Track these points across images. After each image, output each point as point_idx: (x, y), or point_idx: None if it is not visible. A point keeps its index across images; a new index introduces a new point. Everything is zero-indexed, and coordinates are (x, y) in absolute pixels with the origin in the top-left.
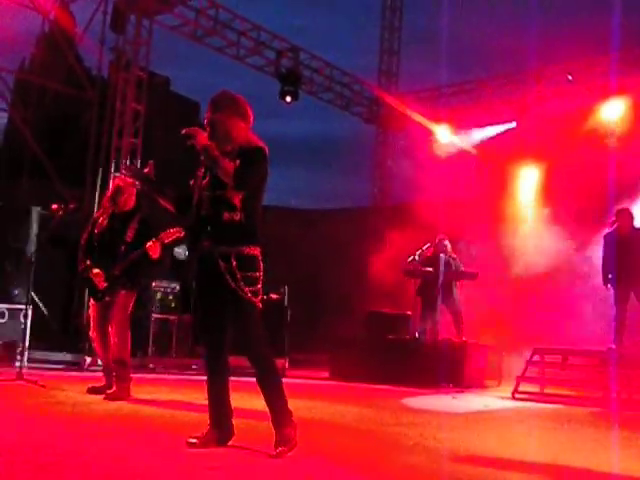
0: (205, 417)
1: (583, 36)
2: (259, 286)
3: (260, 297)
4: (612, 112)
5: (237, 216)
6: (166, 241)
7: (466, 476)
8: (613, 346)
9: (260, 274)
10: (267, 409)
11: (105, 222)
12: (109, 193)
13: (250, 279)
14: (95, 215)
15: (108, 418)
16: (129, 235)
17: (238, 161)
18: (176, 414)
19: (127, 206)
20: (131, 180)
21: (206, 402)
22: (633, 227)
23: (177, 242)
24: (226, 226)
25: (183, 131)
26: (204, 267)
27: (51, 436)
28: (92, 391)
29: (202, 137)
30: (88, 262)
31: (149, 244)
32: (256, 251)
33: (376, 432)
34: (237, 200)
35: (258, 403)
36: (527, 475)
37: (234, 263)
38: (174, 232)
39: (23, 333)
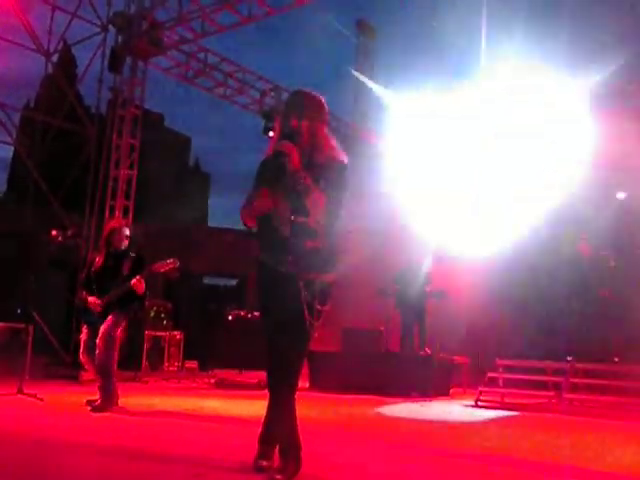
0: (191, 425)
1: None
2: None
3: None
4: None
5: (319, 243)
6: (161, 270)
7: (430, 476)
8: (569, 358)
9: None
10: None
11: (101, 261)
12: (104, 234)
13: (321, 314)
14: (91, 256)
15: (100, 428)
16: (125, 269)
17: (324, 181)
18: (165, 423)
19: (121, 245)
20: (124, 222)
21: (194, 412)
22: (592, 253)
23: (172, 271)
24: (308, 254)
25: (276, 146)
26: (281, 288)
27: (42, 446)
28: (89, 404)
29: (295, 159)
30: (84, 293)
31: (134, 281)
32: (333, 278)
33: (349, 438)
34: (319, 226)
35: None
36: (483, 470)
37: (317, 295)
38: (170, 262)
39: (24, 349)
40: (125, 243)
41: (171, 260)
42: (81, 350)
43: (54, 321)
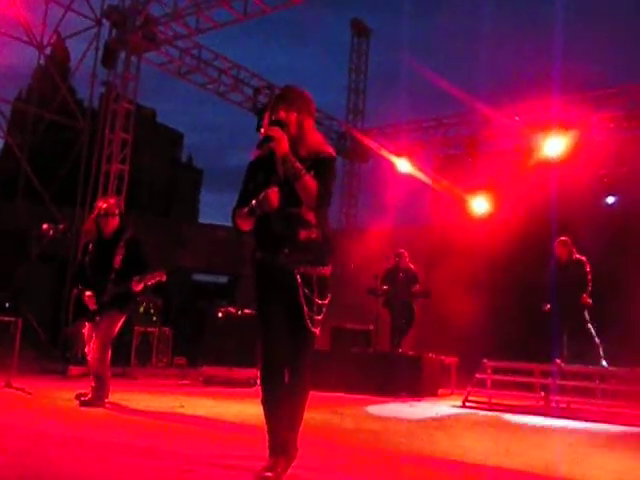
0: (180, 422)
1: (528, 81)
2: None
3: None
4: (553, 148)
5: (314, 234)
6: (149, 283)
7: (417, 476)
8: (558, 360)
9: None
10: (277, 431)
11: (93, 250)
12: (92, 215)
13: (322, 308)
14: (83, 241)
15: (89, 423)
16: (117, 261)
17: (313, 172)
18: (153, 421)
19: (111, 228)
20: (114, 201)
21: (182, 408)
22: (571, 257)
23: (158, 284)
24: (304, 245)
25: (265, 131)
26: (278, 284)
27: (30, 440)
28: (78, 398)
29: (285, 144)
30: (80, 286)
31: (134, 283)
32: (330, 271)
33: (338, 437)
34: (312, 216)
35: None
36: (468, 470)
37: (316, 289)
38: (157, 275)
39: (13, 343)
40: (115, 222)
41: (159, 273)
42: (87, 347)
43: (43, 315)
